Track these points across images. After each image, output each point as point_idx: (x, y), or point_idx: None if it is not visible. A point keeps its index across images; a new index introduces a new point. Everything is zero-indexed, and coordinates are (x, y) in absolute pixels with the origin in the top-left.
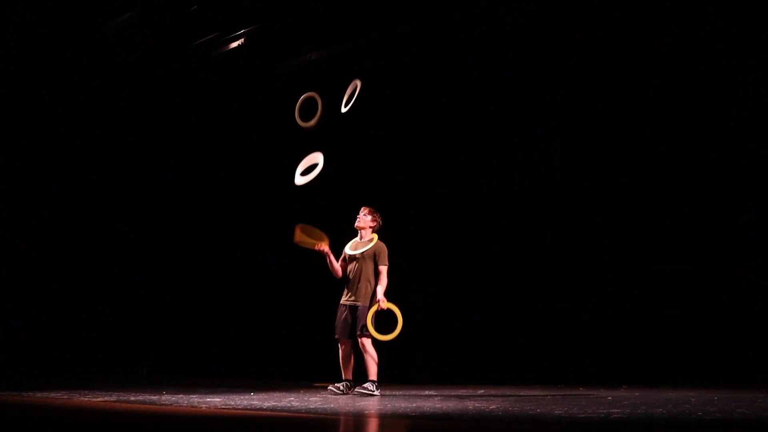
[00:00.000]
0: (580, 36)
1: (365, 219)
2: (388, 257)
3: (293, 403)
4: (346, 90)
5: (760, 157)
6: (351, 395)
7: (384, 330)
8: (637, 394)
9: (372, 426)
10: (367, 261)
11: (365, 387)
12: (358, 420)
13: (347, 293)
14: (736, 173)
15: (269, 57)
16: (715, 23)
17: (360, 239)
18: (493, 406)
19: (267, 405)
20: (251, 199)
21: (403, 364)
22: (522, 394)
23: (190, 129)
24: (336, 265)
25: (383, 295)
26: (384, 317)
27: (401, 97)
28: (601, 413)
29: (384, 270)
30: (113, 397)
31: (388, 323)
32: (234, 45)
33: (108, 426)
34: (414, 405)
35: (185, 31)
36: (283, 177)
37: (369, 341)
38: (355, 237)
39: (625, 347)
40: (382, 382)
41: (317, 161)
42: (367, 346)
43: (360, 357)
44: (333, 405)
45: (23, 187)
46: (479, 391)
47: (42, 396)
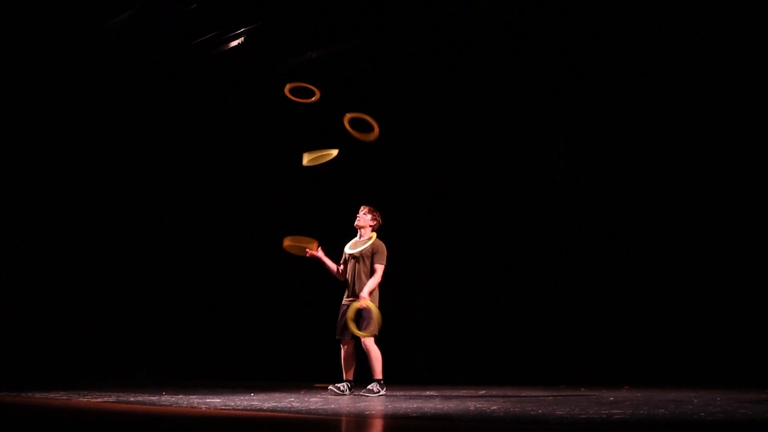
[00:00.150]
0: (580, 36)
1: (365, 218)
2: (386, 257)
3: (294, 404)
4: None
5: (760, 157)
6: (355, 396)
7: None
8: (639, 394)
9: (372, 427)
10: (366, 260)
11: (371, 388)
12: (358, 421)
13: (348, 293)
14: (737, 173)
15: (269, 56)
16: (716, 23)
17: (359, 238)
18: (495, 406)
19: (267, 406)
20: (251, 199)
21: (404, 364)
22: (523, 394)
23: (189, 128)
24: (335, 267)
25: (368, 294)
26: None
27: (401, 97)
28: (603, 414)
29: (379, 269)
30: (113, 398)
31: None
32: (234, 44)
33: (107, 427)
34: (415, 405)
35: (185, 30)
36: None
37: (371, 341)
38: (355, 236)
39: (627, 347)
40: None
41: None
42: (370, 345)
43: (360, 357)
44: (334, 406)
45: (23, 187)
46: (480, 392)
47: (41, 396)
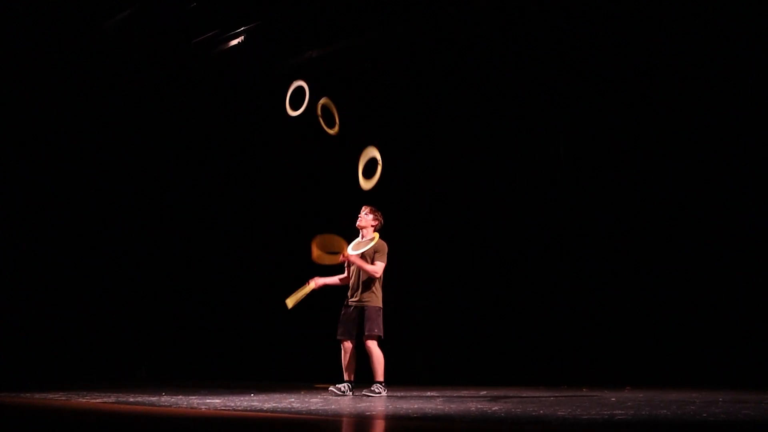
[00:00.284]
0: (580, 35)
1: (366, 218)
2: (386, 256)
3: (294, 405)
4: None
5: (760, 157)
6: (356, 397)
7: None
8: (641, 395)
9: (374, 427)
10: (369, 260)
11: (372, 389)
12: (359, 421)
13: (352, 294)
14: (739, 173)
15: (269, 55)
16: (716, 23)
17: (361, 239)
18: (496, 407)
19: (267, 406)
20: (251, 199)
21: (405, 364)
22: (525, 395)
23: (189, 128)
24: (338, 280)
25: (358, 257)
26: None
27: (402, 97)
28: (605, 414)
29: (379, 265)
30: (112, 398)
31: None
32: (234, 43)
33: (107, 427)
34: (416, 406)
35: (184, 29)
36: (283, 177)
37: (375, 343)
38: (357, 237)
39: (629, 348)
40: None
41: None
42: (373, 347)
43: (361, 358)
44: (334, 406)
45: (23, 187)
46: (481, 392)
47: (40, 397)
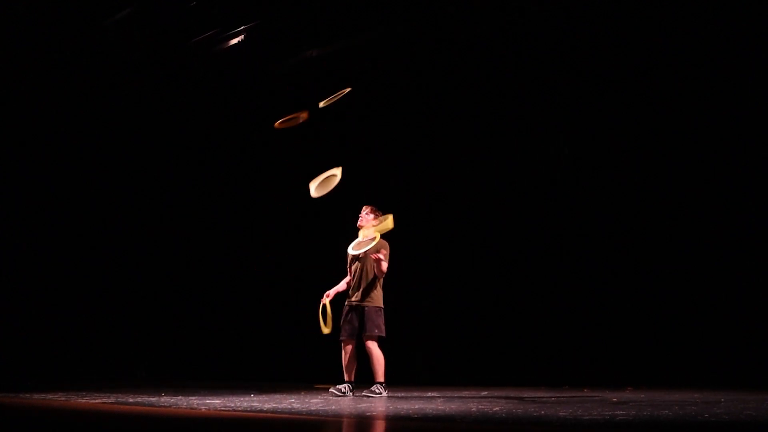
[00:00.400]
0: (582, 36)
1: (367, 218)
2: (389, 255)
3: (294, 405)
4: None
5: (762, 158)
6: (356, 397)
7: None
8: (643, 395)
9: (374, 428)
10: (371, 260)
11: (373, 390)
12: (360, 422)
13: (352, 294)
14: (740, 173)
15: (269, 54)
16: (718, 23)
17: (362, 239)
18: (497, 407)
19: (267, 407)
20: (251, 199)
21: (405, 365)
22: (526, 395)
23: (189, 128)
24: (343, 286)
25: (380, 259)
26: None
27: (402, 96)
28: (606, 415)
29: (384, 266)
30: (111, 399)
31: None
32: (233, 42)
33: (106, 428)
34: (416, 407)
35: (184, 28)
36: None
37: (375, 344)
38: (357, 237)
39: (630, 348)
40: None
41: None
42: (374, 348)
43: (362, 359)
44: (335, 407)
45: (22, 187)
46: (482, 393)
47: (39, 397)
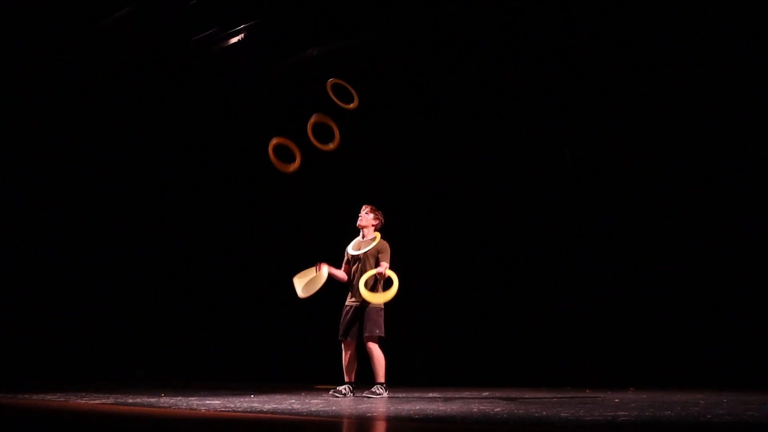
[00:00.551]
0: (582, 36)
1: (367, 218)
2: (390, 256)
3: (294, 406)
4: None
5: (762, 158)
6: (357, 398)
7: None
8: (645, 396)
9: (375, 428)
10: (371, 260)
11: (373, 390)
12: (360, 422)
13: (352, 294)
14: (740, 174)
15: (269, 53)
16: (718, 24)
17: (362, 238)
18: (498, 408)
19: (268, 407)
20: (251, 199)
21: (406, 365)
22: (527, 396)
23: (189, 127)
24: (340, 274)
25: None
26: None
27: (403, 96)
28: (608, 416)
29: (385, 266)
30: (111, 399)
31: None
32: (234, 41)
33: (105, 429)
34: (417, 407)
35: (184, 27)
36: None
37: (376, 344)
38: (357, 236)
39: (633, 349)
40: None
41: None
42: (374, 349)
43: (362, 359)
44: (335, 407)
45: (21, 187)
46: (484, 394)
47: (38, 398)
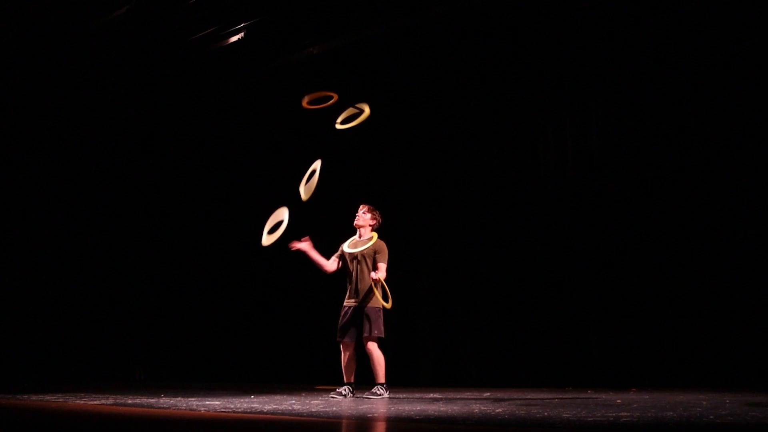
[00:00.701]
0: (584, 36)
1: (364, 217)
2: (387, 256)
3: (294, 407)
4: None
5: (762, 158)
6: (357, 398)
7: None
8: (647, 396)
9: (375, 429)
10: (368, 260)
11: (374, 391)
12: (361, 423)
13: (350, 294)
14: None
15: (269, 52)
16: (718, 24)
17: (359, 238)
18: (500, 409)
19: (268, 408)
20: (251, 202)
21: (406, 366)
22: (529, 397)
23: (188, 127)
24: (322, 261)
25: (383, 273)
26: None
27: (403, 94)
28: (610, 417)
29: (383, 267)
30: (110, 400)
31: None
32: (233, 39)
33: (105, 429)
34: (418, 408)
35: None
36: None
37: (375, 345)
38: (354, 235)
39: (635, 349)
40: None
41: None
42: (374, 349)
43: (361, 360)
44: (335, 408)
45: (20, 188)
46: (485, 394)
47: (37, 399)
